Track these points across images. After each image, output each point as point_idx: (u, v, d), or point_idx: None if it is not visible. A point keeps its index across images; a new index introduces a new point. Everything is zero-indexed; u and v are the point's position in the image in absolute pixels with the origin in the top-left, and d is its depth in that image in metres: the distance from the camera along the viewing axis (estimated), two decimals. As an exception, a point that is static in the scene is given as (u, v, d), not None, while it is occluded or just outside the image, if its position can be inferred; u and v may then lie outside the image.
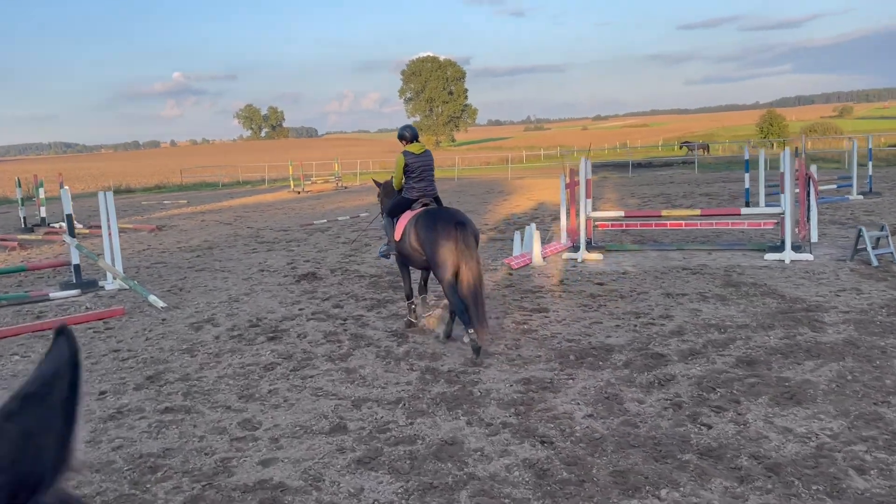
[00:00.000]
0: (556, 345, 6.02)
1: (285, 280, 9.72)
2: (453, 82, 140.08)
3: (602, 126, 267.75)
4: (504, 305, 7.57)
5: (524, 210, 17.59)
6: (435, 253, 5.97)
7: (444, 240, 5.92)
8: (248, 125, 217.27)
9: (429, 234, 6.06)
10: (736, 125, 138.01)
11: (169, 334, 7.08)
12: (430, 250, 6.03)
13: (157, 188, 36.32)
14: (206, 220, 19.07)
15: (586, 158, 10.02)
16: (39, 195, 18.20)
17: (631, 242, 11.20)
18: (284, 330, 7.02)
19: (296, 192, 28.91)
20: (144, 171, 65.65)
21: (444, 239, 5.92)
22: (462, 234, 5.91)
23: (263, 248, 13.03)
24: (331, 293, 8.68)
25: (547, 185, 26.32)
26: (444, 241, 5.92)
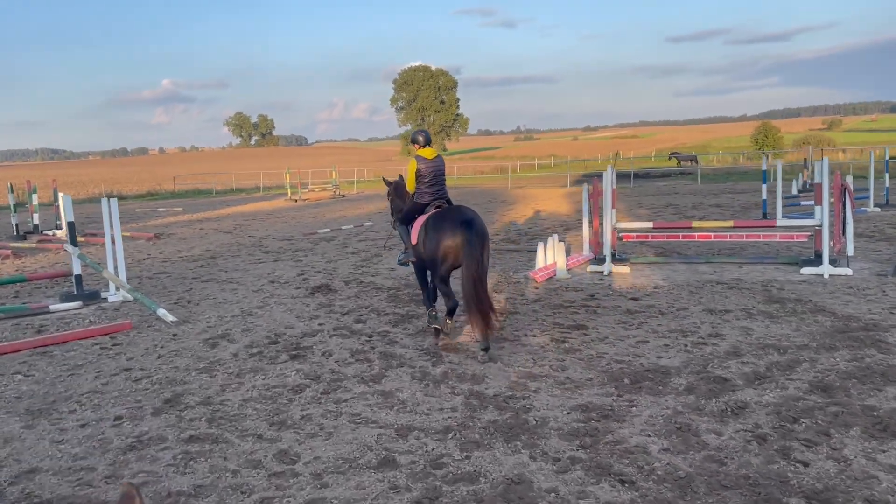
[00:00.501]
0: (605, 366, 5.61)
1: (298, 292, 9.26)
2: (445, 92, 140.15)
3: (592, 137, 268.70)
4: (538, 322, 7.15)
5: (532, 220, 17.22)
6: (437, 248, 6.04)
7: (449, 238, 5.97)
8: (238, 133, 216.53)
9: (435, 233, 6.13)
10: (726, 137, 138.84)
11: (182, 351, 6.61)
12: (433, 246, 6.09)
13: (149, 195, 35.72)
14: (204, 229, 18.55)
15: (612, 167, 9.64)
16: (33, 201, 17.62)
17: (652, 254, 10.84)
18: (307, 347, 6.57)
19: (293, 200, 28.44)
20: (135, 178, 64.88)
21: (449, 237, 5.98)
22: (467, 232, 5.89)
23: (269, 258, 12.56)
24: (349, 307, 8.24)
25: (549, 195, 26.02)
26: (449, 238, 5.97)
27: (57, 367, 6.28)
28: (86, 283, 9.46)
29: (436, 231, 6.14)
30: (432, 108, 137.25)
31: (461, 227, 5.95)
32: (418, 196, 6.72)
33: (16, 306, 8.53)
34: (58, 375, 6.02)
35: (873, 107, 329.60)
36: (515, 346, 6.33)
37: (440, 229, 6.10)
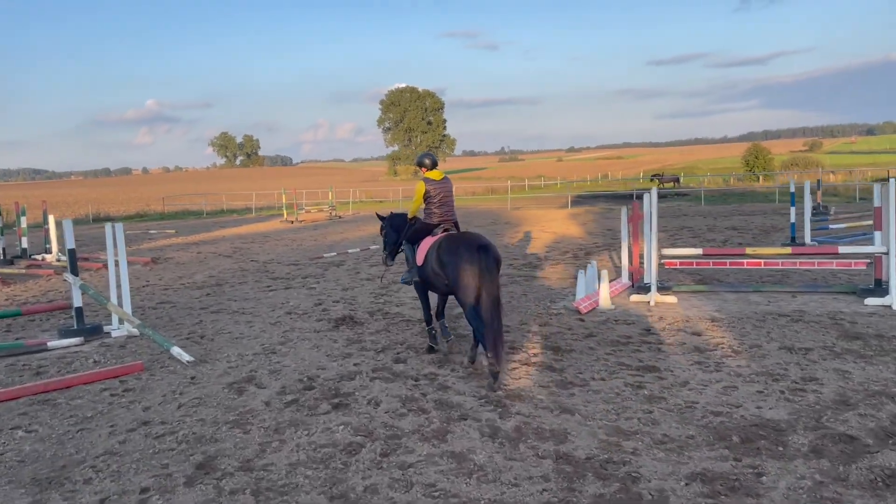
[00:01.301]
0: (702, 419, 4.91)
1: (321, 325, 8.49)
2: (432, 113, 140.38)
3: (577, 158, 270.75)
4: (599, 361, 6.44)
5: (546, 243, 16.57)
6: (458, 277, 5.99)
7: (468, 263, 5.93)
8: (223, 153, 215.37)
9: (452, 258, 6.09)
10: (710, 158, 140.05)
11: (206, 399, 5.82)
12: (454, 274, 6.04)
13: (138, 216, 34.70)
14: (202, 252, 17.70)
15: (656, 189, 9.03)
16: (21, 224, 16.70)
17: (692, 282, 10.21)
18: (348, 394, 5.81)
19: (289, 221, 27.63)
20: (120, 199, 63.61)
21: (468, 263, 5.93)
22: (485, 258, 5.92)
23: (280, 286, 11.77)
24: (382, 343, 7.49)
25: (552, 217, 25.45)
26: (468, 264, 5.93)
27: (63, 419, 5.47)
28: (84, 313, 8.62)
29: (452, 255, 6.11)
30: (419, 128, 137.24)
31: (479, 252, 5.95)
32: (427, 217, 6.77)
33: (9, 343, 7.68)
34: (65, 431, 5.21)
35: (850, 129, 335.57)
36: (586, 392, 5.62)
37: (457, 254, 6.07)
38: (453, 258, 6.07)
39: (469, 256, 5.96)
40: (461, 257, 6.01)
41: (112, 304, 7.60)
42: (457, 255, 6.05)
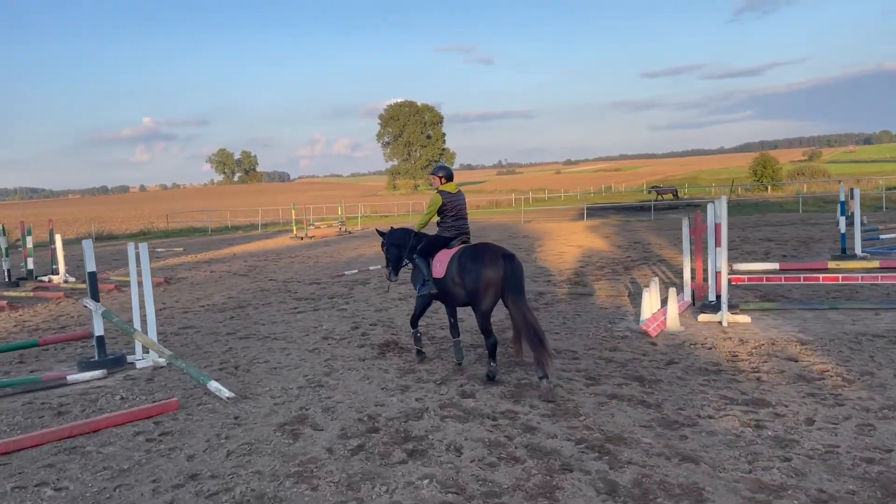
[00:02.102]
0: (854, 468, 4.17)
1: (365, 352, 7.75)
2: (431, 127, 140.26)
3: (575, 170, 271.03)
4: (696, 394, 5.71)
5: (576, 258, 15.85)
6: (479, 282, 6.09)
7: (492, 271, 6.06)
8: (220, 170, 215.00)
9: (475, 266, 6.17)
10: (710, 168, 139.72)
11: (258, 445, 5.07)
12: (475, 281, 6.13)
13: (141, 234, 33.95)
14: (215, 271, 16.95)
15: (726, 198, 8.33)
16: (27, 244, 15.95)
17: (754, 299, 9.51)
18: (420, 437, 5.06)
19: (298, 237, 26.90)
20: (120, 217, 62.87)
21: (492, 270, 6.06)
22: (510, 265, 6.06)
23: (307, 307, 11.03)
24: (438, 372, 6.75)
25: (570, 230, 24.76)
26: (492, 272, 6.05)
27: (96, 472, 4.71)
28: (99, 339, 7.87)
29: (476, 264, 6.18)
30: (418, 142, 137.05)
31: (503, 260, 6.10)
32: (443, 229, 6.78)
33: (25, 378, 6.92)
34: (101, 488, 4.45)
35: (847, 138, 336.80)
36: (699, 433, 4.88)
37: (481, 262, 6.15)
38: (477, 266, 6.15)
39: (494, 264, 6.07)
40: (485, 265, 6.10)
41: (140, 333, 6.85)
42: (481, 263, 6.14)
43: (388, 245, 7.30)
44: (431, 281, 6.67)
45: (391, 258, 7.25)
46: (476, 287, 6.14)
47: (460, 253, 6.45)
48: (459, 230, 6.80)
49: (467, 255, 6.33)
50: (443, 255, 6.64)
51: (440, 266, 6.57)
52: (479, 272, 6.11)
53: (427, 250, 6.83)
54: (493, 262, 6.10)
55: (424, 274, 6.76)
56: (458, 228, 6.79)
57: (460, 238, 6.78)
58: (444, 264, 6.54)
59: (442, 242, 6.77)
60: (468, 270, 6.22)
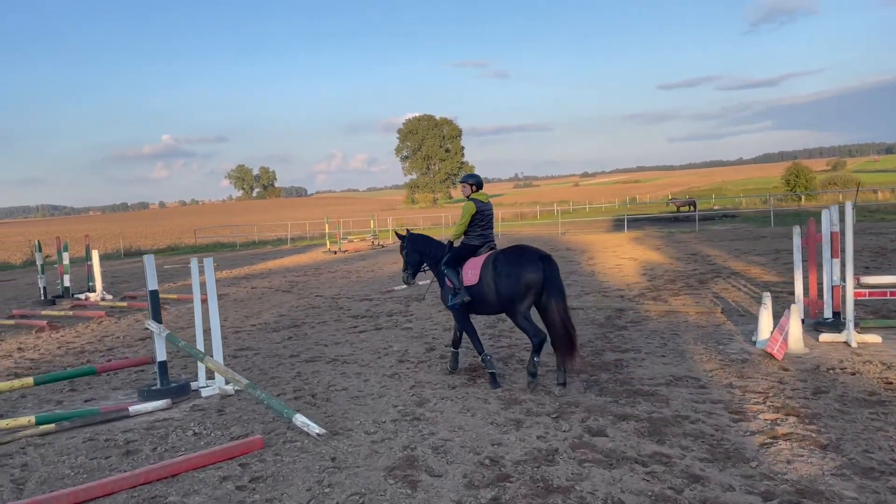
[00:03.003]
0: None
1: (454, 379, 6.94)
2: (450, 140, 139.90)
3: (593, 182, 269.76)
4: (876, 431, 4.84)
5: (638, 271, 14.96)
6: (519, 285, 6.13)
7: (532, 273, 6.12)
8: (239, 185, 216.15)
9: (513, 269, 6.20)
10: (734, 179, 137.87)
11: (371, 497, 4.27)
12: (515, 284, 6.15)
13: (170, 249, 33.50)
14: (256, 287, 16.26)
15: (853, 204, 7.47)
16: (63, 261, 15.37)
17: (863, 315, 8.60)
18: (566, 488, 4.24)
19: (332, 251, 26.23)
20: (143, 232, 62.71)
21: (532, 272, 6.12)
22: (550, 267, 6.17)
23: (367, 325, 10.27)
24: (549, 404, 5.92)
25: (614, 241, 23.85)
26: (532, 274, 6.12)
27: (188, 532, 3.94)
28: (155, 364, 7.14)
29: (513, 266, 6.21)
30: (437, 156, 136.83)
31: (541, 262, 6.18)
32: (471, 238, 6.72)
33: (84, 410, 6.19)
34: (199, 554, 3.67)
35: (868, 148, 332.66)
36: (912, 483, 4.01)
37: (519, 265, 6.20)
38: (516, 269, 6.17)
39: (532, 266, 6.13)
40: (524, 267, 6.14)
41: (210, 359, 6.10)
42: (519, 266, 6.16)
43: (409, 250, 7.24)
44: (463, 290, 6.61)
45: (411, 262, 7.22)
46: (515, 290, 6.15)
47: (493, 258, 6.45)
48: (486, 239, 6.77)
49: (503, 260, 6.34)
50: (472, 262, 6.64)
51: (472, 273, 6.56)
52: (520, 275, 6.13)
53: (456, 260, 6.78)
54: (531, 264, 6.14)
55: (456, 283, 6.66)
56: (485, 237, 6.76)
57: (487, 246, 6.76)
58: (476, 271, 6.53)
59: (470, 251, 6.74)
60: (506, 274, 6.22)
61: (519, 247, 6.55)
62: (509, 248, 6.57)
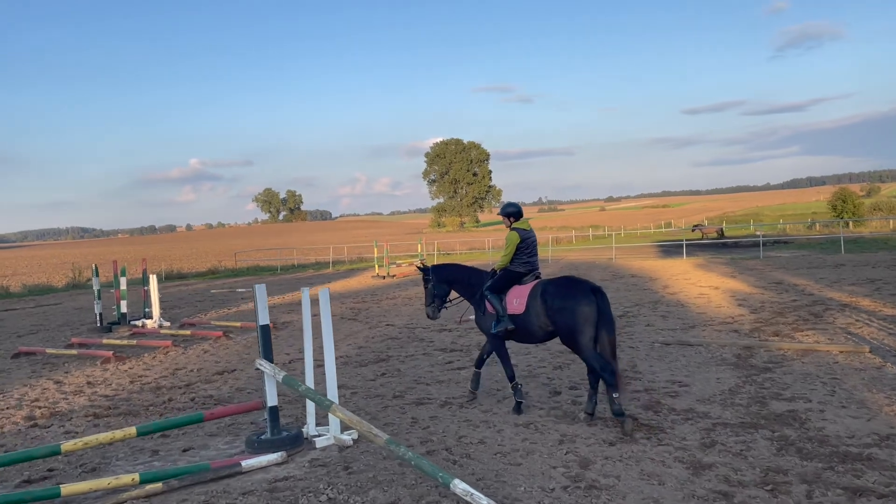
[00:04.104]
0: None
1: (604, 432, 5.99)
2: (477, 164, 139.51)
3: (619, 207, 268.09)
4: None
5: (730, 301, 13.89)
6: (575, 318, 6.02)
7: (586, 306, 6.01)
8: (266, 208, 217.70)
9: (567, 303, 6.09)
10: (769, 205, 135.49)
11: None
12: (571, 317, 6.05)
13: (210, 273, 33.01)
14: (318, 315, 15.40)
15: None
16: (120, 286, 14.72)
17: None
18: None
19: (381, 276, 25.43)
20: (175, 255, 62.71)
21: (586, 305, 6.01)
22: (601, 300, 6.07)
23: (463, 360, 9.37)
24: (745, 469, 4.95)
25: (678, 268, 22.74)
26: (586, 307, 6.01)
27: None
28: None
29: (566, 300, 6.11)
30: (465, 179, 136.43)
31: (593, 293, 6.09)
32: (515, 265, 6.68)
33: (194, 466, 5.33)
34: None
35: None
36: None
37: (572, 298, 6.10)
38: (568, 302, 6.08)
39: (586, 299, 6.04)
40: (577, 300, 6.04)
41: (341, 409, 5.21)
42: (572, 299, 6.07)
43: (436, 281, 7.15)
44: (507, 317, 6.49)
45: (438, 294, 7.15)
46: (570, 323, 6.06)
47: (542, 288, 6.34)
48: (532, 266, 6.70)
49: (553, 292, 6.23)
50: (518, 290, 6.55)
51: (517, 302, 6.46)
52: (575, 308, 6.04)
53: (499, 287, 6.66)
54: (585, 296, 6.06)
55: (500, 310, 6.53)
56: (531, 265, 6.69)
57: (533, 274, 6.69)
58: (522, 300, 6.43)
59: (515, 278, 6.65)
60: (558, 308, 6.12)
61: (568, 278, 6.41)
62: (558, 279, 6.45)
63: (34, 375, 9.87)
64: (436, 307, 7.20)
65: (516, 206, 6.86)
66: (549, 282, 6.41)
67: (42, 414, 7.58)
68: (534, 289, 6.41)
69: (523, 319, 6.41)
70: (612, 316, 6.13)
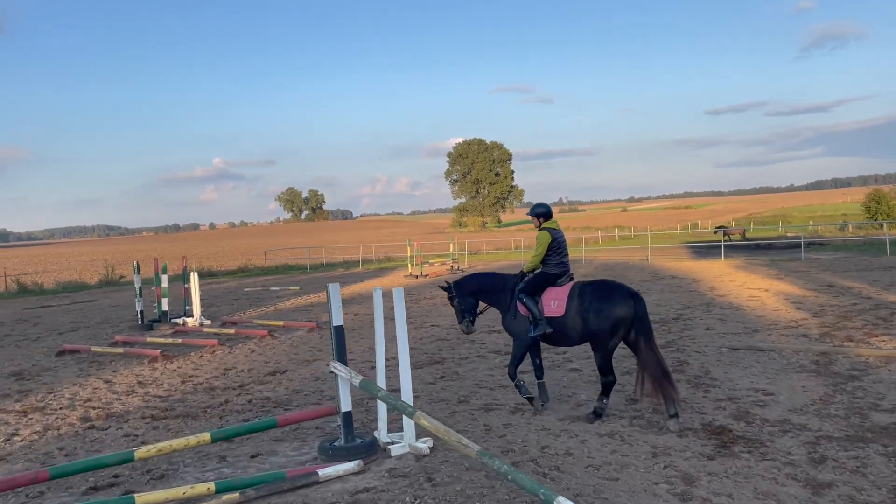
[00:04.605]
0: None
1: (697, 444, 5.60)
2: (500, 164, 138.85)
3: (641, 208, 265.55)
4: None
5: (782, 304, 13.38)
6: (609, 321, 6.06)
7: (623, 310, 6.06)
8: (289, 208, 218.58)
9: (604, 305, 6.13)
10: (797, 206, 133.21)
11: None
12: (605, 320, 6.08)
13: (240, 271, 32.96)
14: (359, 315, 15.18)
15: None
16: (161, 283, 14.57)
17: None
18: None
19: (413, 275, 25.17)
20: (202, 253, 63.04)
21: (623, 309, 6.06)
22: (639, 304, 6.11)
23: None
24: (868, 489, 4.55)
25: (720, 269, 22.18)
26: (623, 311, 6.06)
27: None
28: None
29: (603, 303, 6.13)
30: (487, 180, 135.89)
31: (631, 298, 6.12)
32: (549, 267, 6.60)
33: (267, 475, 5.04)
34: None
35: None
36: None
37: (609, 301, 6.12)
38: (607, 306, 6.10)
39: (624, 303, 6.07)
40: (616, 304, 6.08)
41: (425, 417, 4.88)
42: (610, 303, 6.10)
43: (461, 296, 6.99)
44: (544, 320, 6.41)
45: (467, 309, 6.98)
46: (604, 326, 6.08)
47: (580, 290, 6.34)
48: (564, 267, 6.63)
49: (591, 295, 6.24)
50: (554, 293, 6.49)
51: (556, 304, 6.40)
52: (611, 311, 6.07)
53: (533, 289, 6.56)
54: (623, 300, 6.09)
55: (536, 313, 6.43)
56: (563, 265, 6.61)
57: (567, 276, 6.63)
58: (561, 302, 6.38)
59: (550, 280, 6.57)
60: (594, 310, 6.14)
61: (607, 282, 6.45)
62: (596, 281, 6.51)
63: (82, 374, 9.70)
64: (468, 322, 7.04)
65: (546, 207, 6.79)
66: (588, 284, 6.43)
67: (97, 415, 7.37)
68: (572, 290, 6.39)
69: (562, 322, 6.34)
70: (649, 321, 6.19)
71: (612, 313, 6.05)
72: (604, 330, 6.09)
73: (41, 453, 6.15)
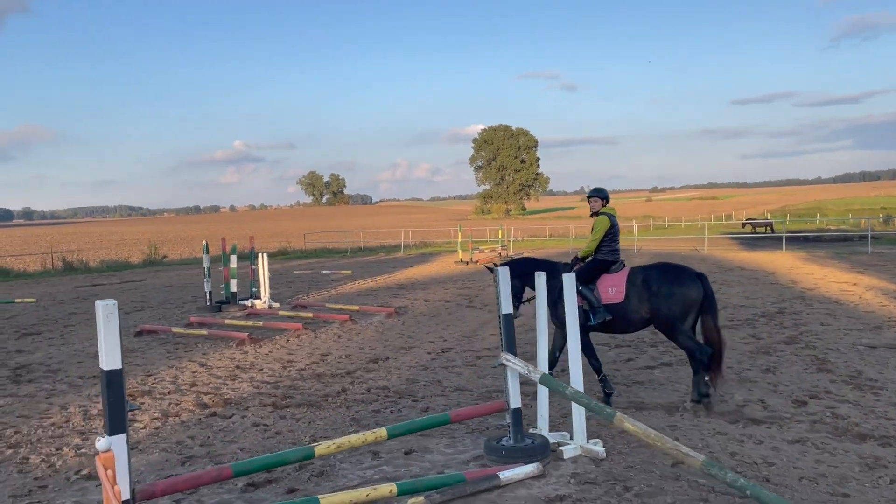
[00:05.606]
0: None
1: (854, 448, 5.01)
2: (525, 151, 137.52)
3: (665, 198, 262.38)
4: None
5: (882, 299, 12.66)
6: (681, 303, 6.08)
7: (694, 291, 6.09)
8: (310, 191, 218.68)
9: (673, 288, 6.12)
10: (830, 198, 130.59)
11: None
12: (678, 302, 6.08)
13: (280, 254, 32.63)
14: (430, 301, 14.65)
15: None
16: (230, 263, 14.15)
17: None
18: None
19: (464, 262, 24.65)
20: (233, 235, 62.93)
21: (694, 291, 6.09)
22: (707, 285, 6.17)
23: (645, 358, 8.43)
24: None
25: (788, 262, 21.38)
26: (694, 292, 6.09)
27: None
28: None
29: (673, 285, 6.13)
30: (512, 167, 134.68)
31: (698, 280, 6.18)
32: (603, 254, 6.51)
33: (447, 477, 4.53)
34: None
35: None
36: None
37: (680, 284, 6.13)
38: (677, 289, 6.10)
39: (693, 285, 6.11)
40: (685, 286, 6.10)
41: (629, 420, 4.33)
42: (679, 285, 6.11)
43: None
44: (603, 308, 6.34)
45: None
46: (677, 309, 6.08)
47: (642, 275, 6.28)
48: (618, 255, 6.57)
49: (659, 279, 6.20)
50: (611, 279, 6.40)
51: (614, 290, 6.32)
52: (683, 294, 6.08)
53: (588, 277, 6.46)
54: (692, 282, 6.13)
55: (593, 301, 6.35)
56: (616, 252, 6.55)
57: (620, 263, 6.54)
58: (620, 288, 6.30)
59: (604, 267, 6.48)
60: (665, 294, 6.11)
61: (669, 265, 6.43)
62: (657, 265, 6.43)
63: (172, 356, 9.28)
64: (518, 306, 6.70)
65: (604, 191, 6.66)
66: (649, 268, 6.38)
67: (212, 401, 6.91)
68: (630, 276, 6.34)
69: (622, 308, 6.29)
70: (715, 301, 6.22)
71: (683, 295, 6.07)
72: (677, 313, 6.08)
73: (173, 442, 5.70)
